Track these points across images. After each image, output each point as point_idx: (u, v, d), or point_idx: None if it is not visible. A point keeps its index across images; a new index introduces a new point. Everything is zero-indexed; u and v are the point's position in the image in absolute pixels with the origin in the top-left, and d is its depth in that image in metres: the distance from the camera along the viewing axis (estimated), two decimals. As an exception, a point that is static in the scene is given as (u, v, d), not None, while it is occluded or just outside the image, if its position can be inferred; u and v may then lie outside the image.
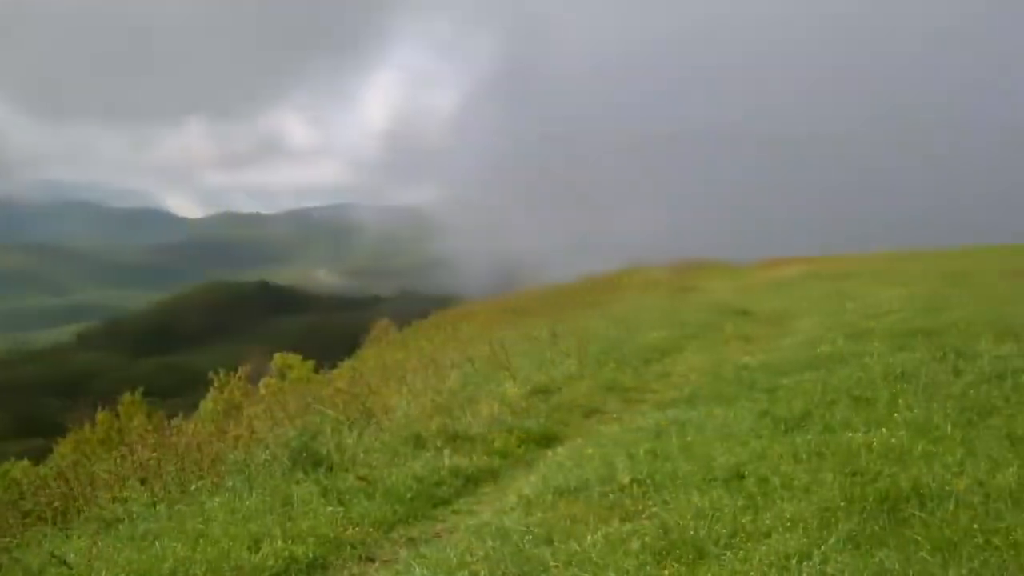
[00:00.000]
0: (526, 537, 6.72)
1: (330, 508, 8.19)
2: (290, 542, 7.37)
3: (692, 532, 6.18)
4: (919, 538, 5.52)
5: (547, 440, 10.79)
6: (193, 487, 9.68)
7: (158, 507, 9.11)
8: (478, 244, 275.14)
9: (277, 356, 51.31)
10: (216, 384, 38.95)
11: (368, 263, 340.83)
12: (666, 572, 5.73)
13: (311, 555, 7.21)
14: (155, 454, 10.79)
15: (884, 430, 8.08)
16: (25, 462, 28.83)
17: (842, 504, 6.30)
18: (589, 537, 6.46)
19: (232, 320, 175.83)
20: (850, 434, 8.18)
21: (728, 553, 5.79)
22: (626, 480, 7.81)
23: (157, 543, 7.72)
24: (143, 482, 10.11)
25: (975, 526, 5.56)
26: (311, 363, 45.17)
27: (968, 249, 35.41)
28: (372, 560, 7.32)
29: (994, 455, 6.93)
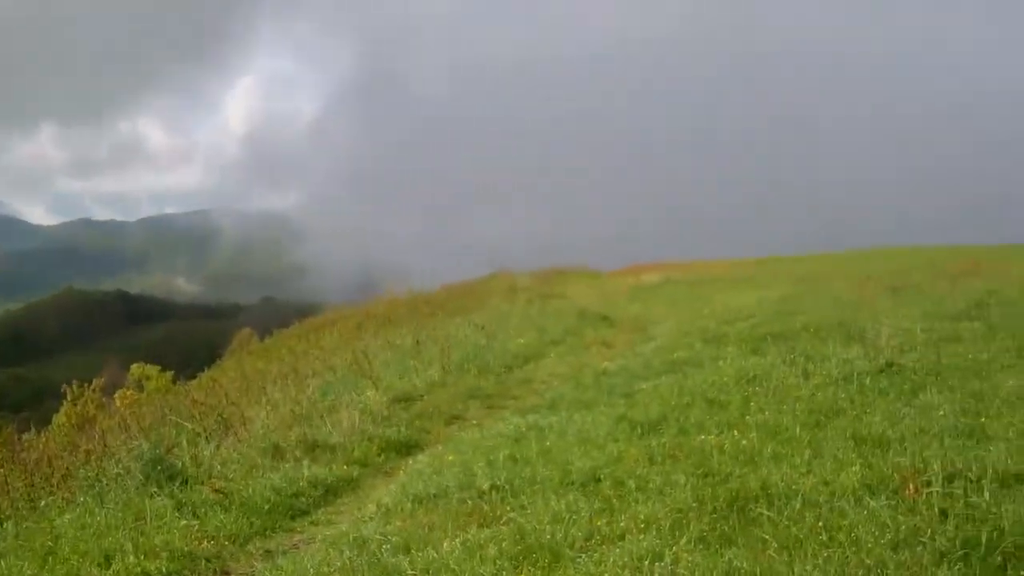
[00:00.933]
0: (384, 546, 6.70)
1: (184, 522, 8.01)
2: (143, 557, 7.19)
3: (548, 536, 6.24)
4: (767, 537, 5.68)
5: (408, 448, 10.80)
6: (43, 503, 9.39)
7: (5, 525, 8.81)
8: (341, 250, 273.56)
9: (134, 367, 50.26)
10: (70, 397, 37.88)
11: (229, 270, 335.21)
12: (522, 576, 5.77)
13: (164, 570, 7.05)
14: (3, 470, 10.41)
15: (736, 432, 8.32)
16: None
17: (694, 505, 6.46)
18: (447, 544, 6.46)
19: (88, 330, 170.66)
20: (703, 436, 8.39)
21: (583, 556, 5.86)
22: (485, 486, 7.86)
23: (3, 562, 7.46)
24: (-11, 499, 9.75)
25: (820, 524, 5.74)
26: (169, 374, 44.37)
27: (818, 256, 36.60)
28: (227, 574, 7.21)
29: (839, 455, 7.19)
